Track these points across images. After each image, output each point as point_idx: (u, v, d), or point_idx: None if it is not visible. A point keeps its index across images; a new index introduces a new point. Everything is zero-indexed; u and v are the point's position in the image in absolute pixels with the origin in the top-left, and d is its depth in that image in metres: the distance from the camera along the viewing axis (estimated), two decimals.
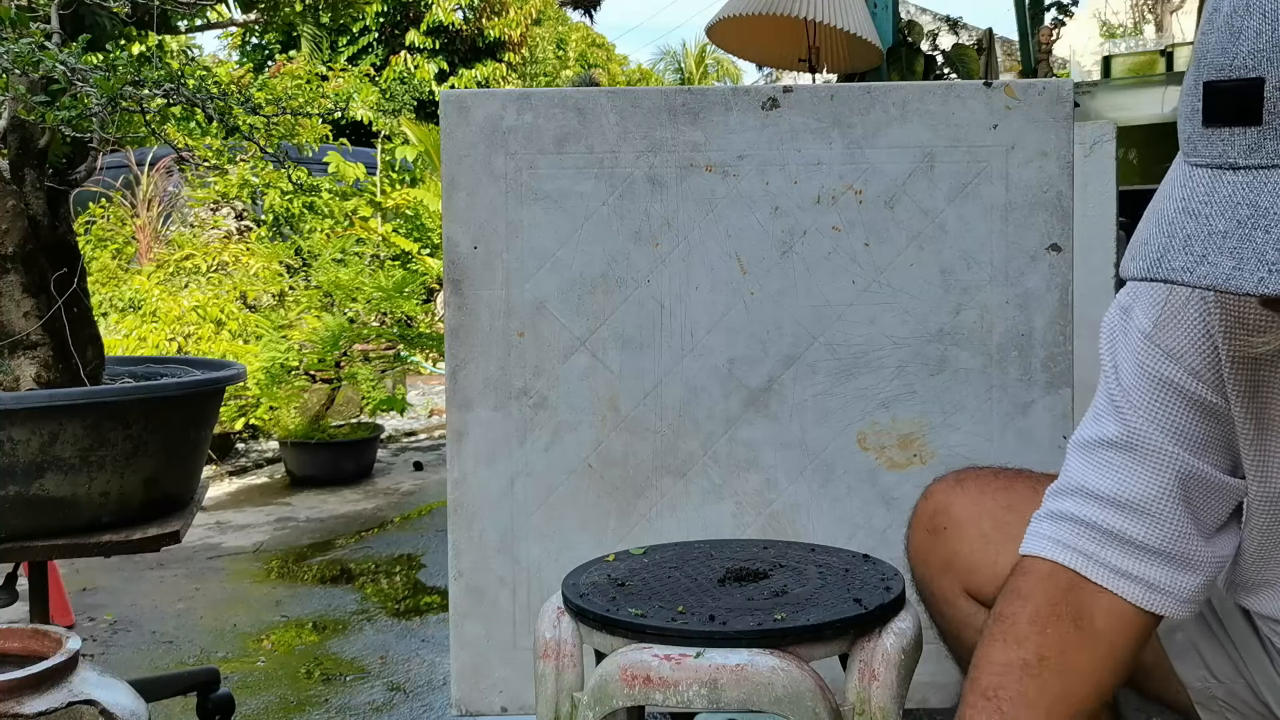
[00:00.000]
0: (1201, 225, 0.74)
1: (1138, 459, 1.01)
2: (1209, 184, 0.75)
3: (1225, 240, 0.73)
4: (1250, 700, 1.14)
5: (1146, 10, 15.33)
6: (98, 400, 1.75)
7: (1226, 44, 0.73)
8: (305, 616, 3.06)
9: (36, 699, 1.31)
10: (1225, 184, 0.74)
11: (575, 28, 19.34)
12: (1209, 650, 1.16)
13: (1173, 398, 1.01)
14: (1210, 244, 0.73)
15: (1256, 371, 0.97)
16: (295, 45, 13.70)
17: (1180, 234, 0.75)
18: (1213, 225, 0.74)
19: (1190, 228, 0.75)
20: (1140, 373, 1.02)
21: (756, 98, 1.80)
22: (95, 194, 6.35)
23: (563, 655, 1.24)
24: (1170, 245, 0.75)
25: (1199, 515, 1.01)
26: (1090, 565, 1.01)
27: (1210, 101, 0.74)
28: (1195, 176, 0.76)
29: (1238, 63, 0.72)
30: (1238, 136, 0.73)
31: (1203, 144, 0.76)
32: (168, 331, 5.21)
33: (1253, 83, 0.72)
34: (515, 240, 1.81)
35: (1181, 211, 0.76)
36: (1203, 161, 0.76)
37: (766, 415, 1.81)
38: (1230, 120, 0.74)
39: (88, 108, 1.76)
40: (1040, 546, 1.05)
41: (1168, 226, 0.76)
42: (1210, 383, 0.99)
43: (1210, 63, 0.75)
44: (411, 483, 4.92)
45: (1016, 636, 1.00)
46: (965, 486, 1.28)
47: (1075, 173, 1.77)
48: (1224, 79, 0.73)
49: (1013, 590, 1.04)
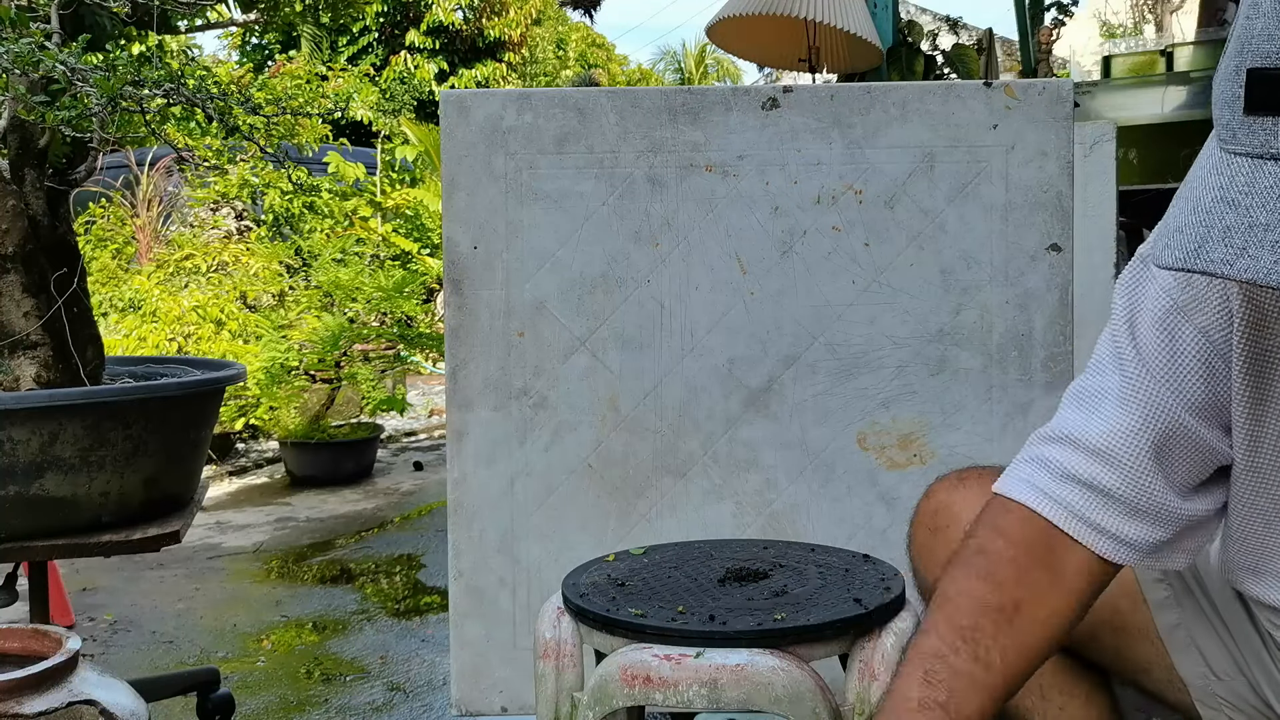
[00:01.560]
0: (1242, 216, 0.72)
1: (1126, 409, 1.01)
2: (1250, 174, 0.73)
3: (1267, 233, 0.71)
4: (1250, 697, 1.14)
5: (1146, 10, 15.33)
6: (98, 400, 1.75)
7: (1274, 30, 0.71)
8: (305, 616, 3.06)
9: (36, 699, 1.31)
10: (1267, 174, 0.72)
11: (575, 28, 19.34)
12: (1209, 647, 1.16)
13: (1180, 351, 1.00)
14: (1251, 236, 0.72)
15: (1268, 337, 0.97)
16: (295, 45, 13.70)
17: (1219, 224, 0.73)
18: (1254, 217, 0.72)
19: (1230, 218, 0.73)
20: (1154, 324, 1.01)
21: (756, 98, 1.80)
22: (95, 194, 6.34)
23: (563, 655, 1.24)
24: (1209, 236, 0.73)
25: (1175, 471, 1.01)
26: (1066, 517, 1.02)
27: (1254, 89, 0.72)
28: (1235, 165, 0.74)
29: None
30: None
31: (1244, 132, 0.74)
32: (168, 331, 5.21)
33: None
34: (515, 240, 1.81)
35: (1220, 201, 0.74)
36: (1243, 150, 0.74)
37: (766, 415, 1.81)
38: (1275, 109, 0.72)
39: (88, 108, 1.76)
40: (1020, 490, 1.05)
41: (1205, 215, 0.74)
42: (1217, 345, 0.99)
43: (1256, 49, 0.72)
44: (411, 483, 4.92)
45: (997, 579, 1.01)
46: (967, 485, 1.28)
47: (1075, 173, 1.77)
48: (1270, 66, 0.71)
49: (992, 526, 1.05)
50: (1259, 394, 0.98)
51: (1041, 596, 1.00)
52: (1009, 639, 0.98)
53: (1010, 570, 1.01)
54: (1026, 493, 1.04)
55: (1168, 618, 1.18)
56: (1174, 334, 1.00)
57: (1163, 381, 1.00)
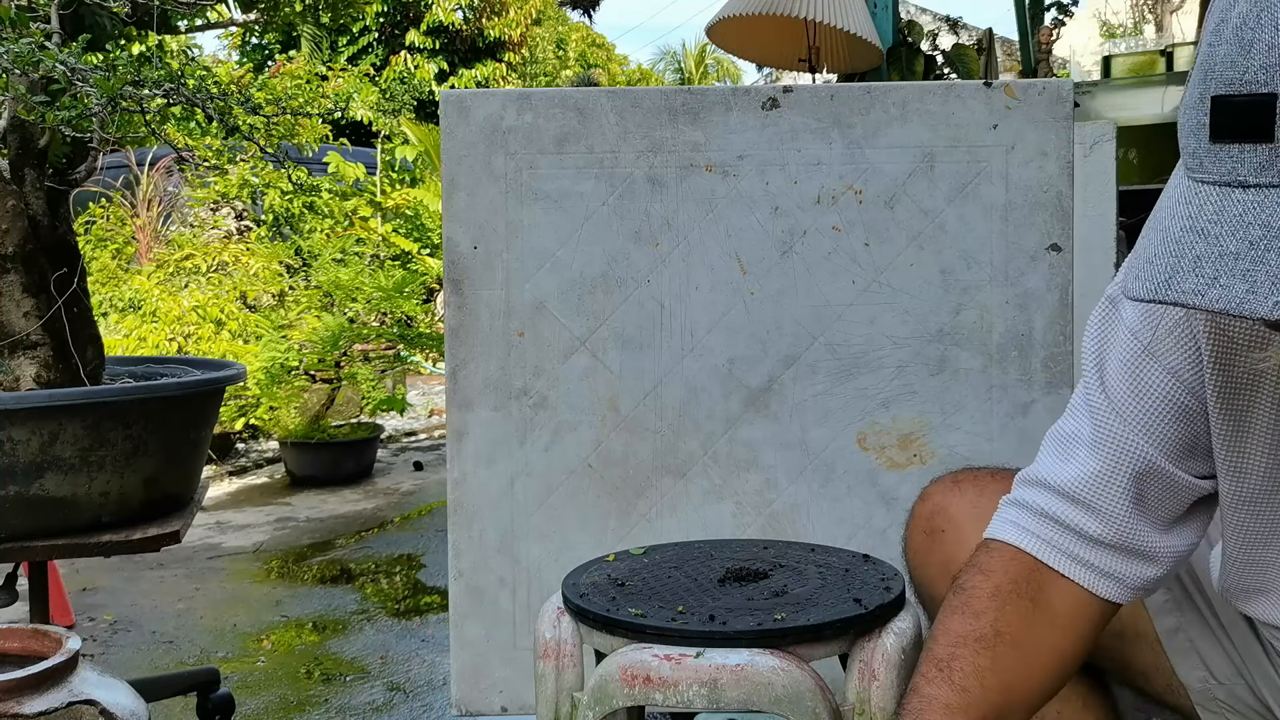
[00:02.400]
0: (1212, 246, 0.71)
1: (1098, 456, 1.02)
2: (1218, 202, 0.72)
3: (1237, 262, 0.70)
4: (1250, 701, 1.14)
5: (1146, 10, 15.33)
6: (98, 400, 1.75)
7: (1236, 57, 0.70)
8: (305, 616, 3.06)
9: (36, 699, 1.31)
10: (1235, 203, 0.71)
11: (575, 28, 19.34)
12: (1209, 651, 1.16)
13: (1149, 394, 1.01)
14: (1222, 266, 0.70)
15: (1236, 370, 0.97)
16: (295, 45, 13.69)
17: (1189, 254, 0.72)
18: (1224, 246, 0.71)
19: (1199, 248, 0.72)
20: (1121, 368, 1.02)
21: (756, 98, 1.80)
22: (95, 194, 6.34)
23: (563, 655, 1.24)
24: (1179, 266, 0.73)
25: (1154, 511, 1.03)
26: (1049, 551, 1.03)
27: (1219, 117, 0.71)
28: (1203, 194, 0.73)
29: (1249, 77, 0.69)
30: (1248, 154, 0.70)
31: (1210, 161, 0.73)
32: (168, 331, 5.21)
33: (1264, 99, 0.69)
34: (515, 240, 1.81)
35: (1189, 230, 0.73)
36: (1210, 179, 0.73)
37: (766, 415, 1.81)
38: (1240, 137, 0.71)
39: (88, 108, 1.76)
40: (1004, 531, 1.06)
41: (1175, 245, 0.74)
42: (1188, 383, 1.00)
43: (1219, 76, 0.71)
44: (411, 483, 4.92)
45: (975, 610, 1.02)
46: (963, 488, 1.28)
47: (1075, 173, 1.77)
48: (1234, 94, 0.70)
49: (975, 565, 1.06)
50: (1237, 424, 0.98)
51: (1024, 626, 1.01)
52: (987, 665, 0.98)
53: (989, 601, 1.02)
54: (1010, 532, 1.06)
55: (1167, 622, 1.18)
56: (1142, 377, 1.01)
57: (1132, 425, 1.01)
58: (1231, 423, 0.98)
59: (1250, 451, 0.99)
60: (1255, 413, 0.97)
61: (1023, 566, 1.03)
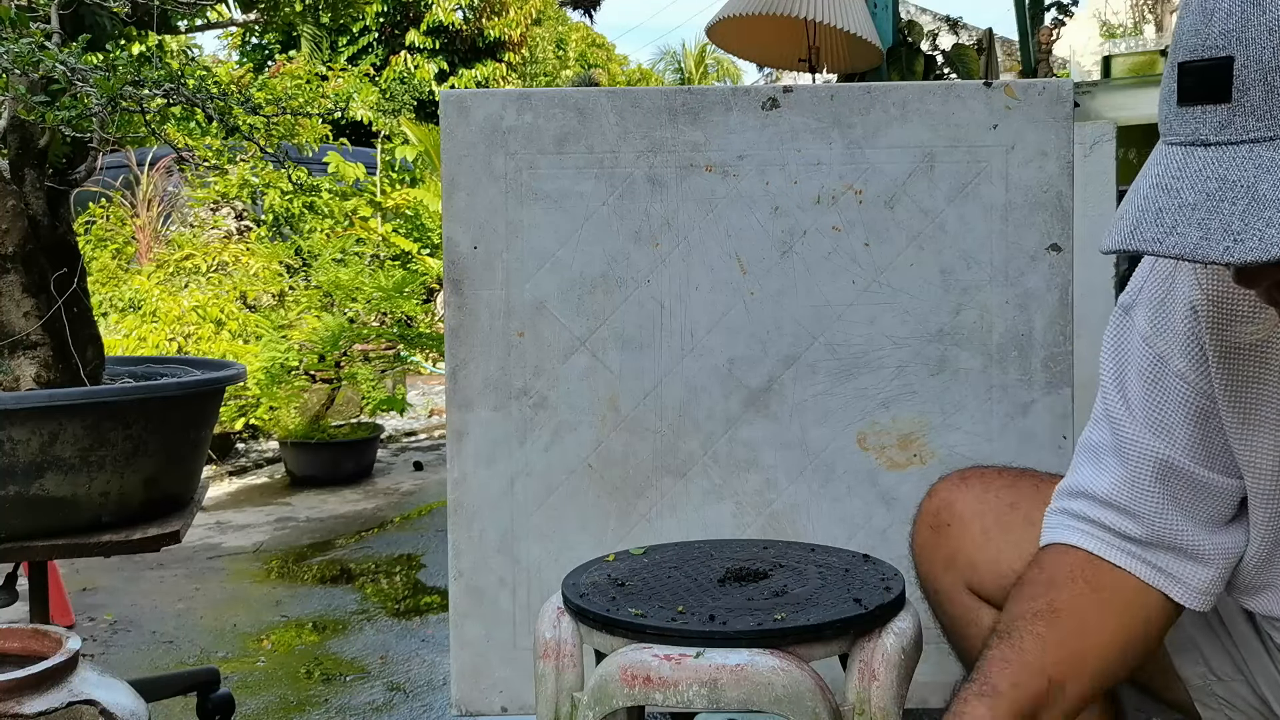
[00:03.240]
0: (1173, 199, 0.77)
1: (1127, 463, 1.05)
2: (1181, 160, 0.78)
3: (1194, 212, 0.75)
4: (1250, 698, 1.15)
5: (1146, 10, 15.33)
6: (98, 400, 1.75)
7: (1199, 25, 0.76)
8: (305, 616, 3.06)
9: (36, 699, 1.31)
10: (1196, 159, 0.77)
11: (575, 28, 19.33)
12: (1209, 647, 1.16)
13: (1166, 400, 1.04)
14: (1180, 215, 0.76)
15: (1241, 367, 1.00)
16: (295, 45, 13.69)
17: (1153, 207, 0.78)
18: (1183, 198, 0.76)
19: (1162, 201, 0.78)
20: (1139, 376, 1.05)
21: (756, 98, 1.80)
22: (95, 194, 6.34)
23: (563, 655, 1.24)
24: (1143, 219, 0.78)
25: (1192, 512, 1.05)
26: (1107, 548, 1.06)
27: (1184, 81, 0.77)
28: (1170, 154, 0.79)
29: (1209, 43, 0.75)
30: (1209, 114, 0.76)
31: (1178, 123, 0.79)
32: (168, 331, 5.21)
33: (1223, 61, 0.74)
34: (515, 240, 1.81)
35: (1155, 187, 0.79)
36: (1177, 140, 0.79)
37: (766, 415, 1.81)
38: (1203, 99, 0.76)
39: (88, 108, 1.76)
40: (1059, 535, 1.09)
41: (1141, 201, 0.79)
42: (1197, 385, 1.02)
43: (1184, 44, 0.77)
44: (411, 483, 4.92)
45: (1033, 593, 1.05)
46: (969, 485, 1.29)
47: (1075, 173, 1.77)
48: (1197, 59, 0.76)
49: (1033, 562, 1.09)
50: (1246, 422, 1.00)
51: (1081, 605, 1.04)
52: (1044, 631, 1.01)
53: (1045, 587, 1.05)
54: (1066, 534, 1.09)
55: None
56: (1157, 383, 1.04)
57: (1150, 430, 1.05)
58: (1241, 419, 1.00)
59: (1261, 448, 1.00)
60: (1262, 409, 0.99)
61: (1078, 559, 1.07)
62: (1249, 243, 0.73)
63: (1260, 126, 0.74)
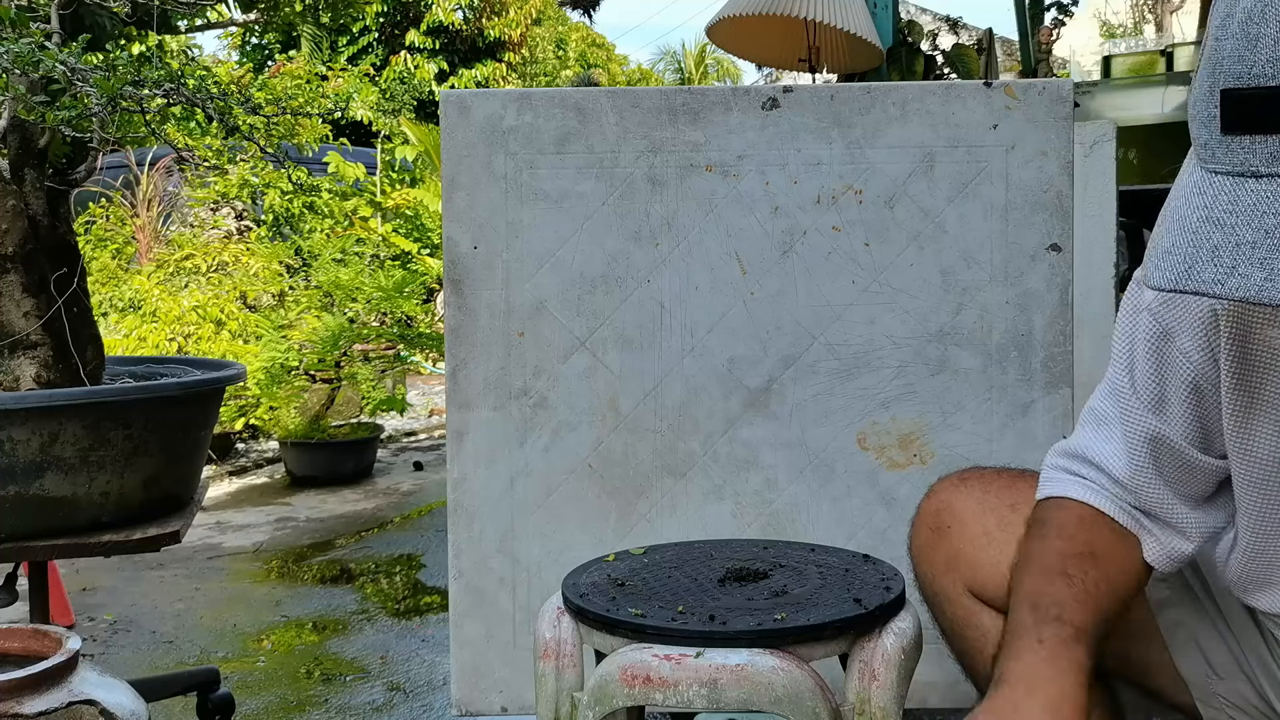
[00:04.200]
0: (1228, 235, 0.74)
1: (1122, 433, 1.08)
2: (1232, 192, 0.75)
3: (1254, 250, 0.73)
4: (1251, 696, 1.15)
5: (1146, 10, 15.33)
6: (98, 400, 1.75)
7: (1244, 51, 0.73)
8: (305, 616, 3.06)
9: (36, 699, 1.31)
10: (1249, 192, 0.74)
11: (575, 28, 19.34)
12: (1210, 646, 1.16)
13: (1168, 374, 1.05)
14: (1239, 255, 0.73)
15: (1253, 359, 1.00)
16: (295, 45, 13.69)
17: (1207, 244, 0.75)
18: (1240, 235, 0.73)
19: (1216, 238, 0.75)
20: (1146, 351, 1.06)
21: (756, 98, 1.80)
22: (95, 194, 6.34)
23: (563, 655, 1.24)
24: (1197, 256, 0.75)
25: (1176, 485, 1.08)
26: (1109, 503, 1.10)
27: (1229, 109, 0.74)
28: (1216, 184, 0.76)
29: (1256, 70, 0.72)
30: (1259, 145, 0.73)
31: (1222, 152, 0.75)
32: (168, 331, 5.21)
33: (1273, 91, 0.72)
34: (515, 240, 1.81)
35: (1206, 221, 0.75)
36: (1223, 169, 0.76)
37: (766, 415, 1.81)
38: (1251, 128, 0.73)
39: (88, 108, 1.76)
40: (1067, 489, 1.12)
41: (1192, 236, 0.76)
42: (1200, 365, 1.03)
43: (1227, 70, 0.74)
44: (411, 483, 4.92)
45: (1069, 533, 1.08)
46: (969, 485, 1.29)
47: (1075, 173, 1.77)
48: (1243, 86, 0.73)
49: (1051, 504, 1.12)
50: (1248, 405, 1.01)
51: (1112, 550, 1.08)
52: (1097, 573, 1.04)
53: (1077, 527, 1.09)
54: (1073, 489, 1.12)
55: (1169, 617, 1.18)
56: (1162, 357, 1.06)
57: (1148, 404, 1.07)
58: (1243, 402, 1.01)
59: (1258, 433, 1.00)
60: (1266, 394, 0.99)
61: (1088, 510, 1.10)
62: None
63: None
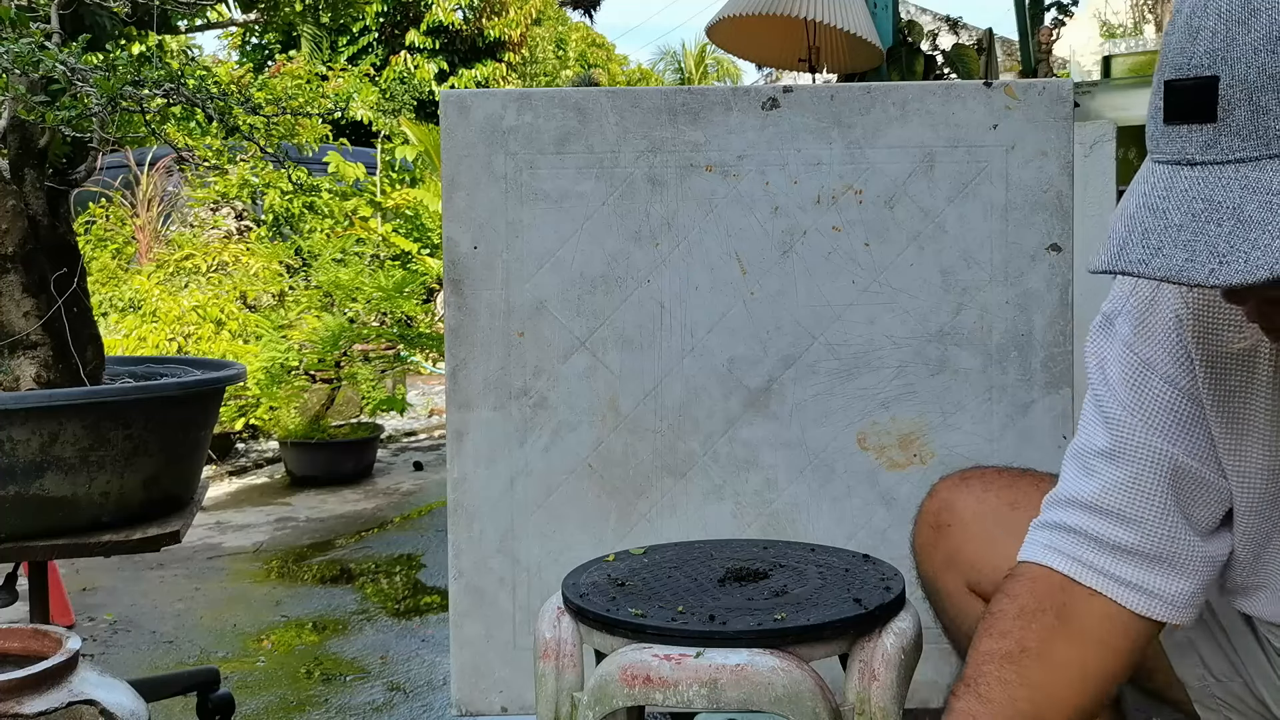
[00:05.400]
0: (1159, 219, 0.77)
1: (1124, 465, 1.02)
2: (1168, 179, 0.77)
3: (1180, 233, 0.75)
4: (1248, 699, 1.15)
5: (1146, 10, 15.33)
6: (98, 400, 1.75)
7: (1185, 44, 0.76)
8: (305, 616, 3.06)
9: (36, 699, 1.31)
10: (1183, 179, 0.76)
11: (575, 28, 19.34)
12: (1207, 649, 1.16)
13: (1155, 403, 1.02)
14: (1166, 237, 0.76)
15: (1228, 375, 0.99)
16: (295, 45, 13.69)
17: (1139, 228, 0.78)
18: (1169, 219, 0.76)
19: (1149, 222, 0.77)
20: (1124, 380, 1.04)
21: (756, 98, 1.80)
22: (95, 194, 6.34)
23: (563, 655, 1.24)
24: (1129, 239, 0.78)
25: (1191, 513, 1.02)
26: (1081, 569, 1.02)
27: (1170, 100, 0.77)
28: (1157, 173, 0.79)
29: (1195, 62, 0.75)
30: (1195, 133, 0.76)
31: (1164, 141, 0.78)
32: (168, 331, 5.21)
33: (1208, 81, 0.74)
34: (515, 240, 1.81)
35: (1142, 207, 0.78)
36: (1164, 158, 0.78)
37: (766, 415, 1.81)
38: (1188, 118, 0.76)
39: (88, 108, 1.76)
40: (1034, 553, 1.06)
41: (1129, 221, 0.79)
42: (1186, 390, 1.01)
43: (1170, 62, 0.77)
44: (411, 483, 4.92)
45: (1001, 630, 1.02)
46: (970, 485, 1.29)
47: (1075, 173, 1.77)
48: (1182, 78, 0.76)
49: (1003, 591, 1.06)
50: (1235, 428, 1.00)
51: (1049, 640, 1.00)
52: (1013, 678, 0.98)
53: (1014, 621, 1.02)
54: (1041, 553, 1.05)
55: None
56: (1143, 389, 1.02)
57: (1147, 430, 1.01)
58: (1229, 426, 1.00)
59: (1250, 454, 1.00)
60: (1251, 415, 0.99)
61: (1050, 585, 1.03)
62: (1234, 264, 0.72)
63: (1246, 147, 0.74)
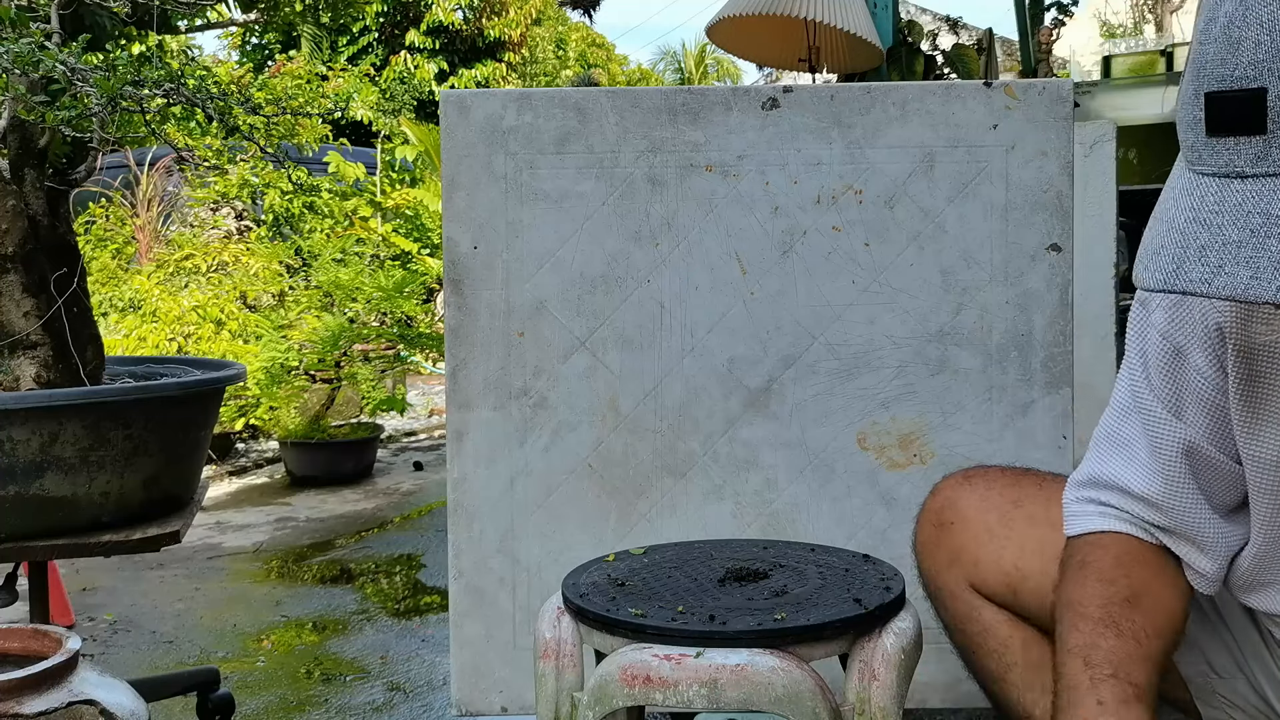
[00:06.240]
0: (1215, 235, 0.75)
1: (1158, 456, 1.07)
2: (1218, 193, 0.76)
3: (1240, 250, 0.74)
4: (1250, 696, 1.15)
5: (1146, 10, 15.33)
6: (98, 400, 1.75)
7: (1226, 55, 0.75)
8: (305, 616, 3.06)
9: (36, 699, 1.31)
10: (1234, 192, 0.75)
11: (575, 28, 19.34)
12: (1209, 644, 1.17)
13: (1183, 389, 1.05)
14: (1225, 254, 0.75)
15: (1256, 365, 1.01)
16: (295, 45, 13.69)
17: (1194, 244, 0.76)
18: (1226, 235, 0.75)
19: (1204, 238, 0.76)
20: (1158, 366, 1.07)
21: (756, 98, 1.80)
22: (95, 194, 6.34)
23: (563, 655, 1.24)
24: (1185, 256, 0.77)
25: (1215, 496, 1.07)
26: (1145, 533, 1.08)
27: (1213, 111, 0.76)
28: (1203, 185, 0.77)
29: (1239, 73, 0.74)
30: (1243, 145, 0.75)
31: (1208, 153, 0.77)
32: (168, 331, 5.21)
33: (1255, 93, 0.73)
34: (515, 240, 1.81)
35: (1193, 221, 0.77)
36: (1209, 170, 0.77)
37: (766, 415, 1.81)
38: (1235, 130, 0.75)
39: (88, 108, 1.76)
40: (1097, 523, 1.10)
41: (1180, 236, 0.77)
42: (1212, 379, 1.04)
43: (1210, 73, 0.76)
44: (411, 483, 4.92)
45: (1107, 576, 1.06)
46: (973, 483, 1.30)
47: (1075, 173, 1.77)
48: (1226, 89, 0.75)
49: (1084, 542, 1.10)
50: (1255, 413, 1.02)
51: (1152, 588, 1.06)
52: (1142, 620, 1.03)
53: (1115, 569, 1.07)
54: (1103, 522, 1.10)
55: None
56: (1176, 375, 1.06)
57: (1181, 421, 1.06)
58: (1250, 411, 1.01)
59: (1265, 440, 1.01)
60: (1271, 404, 1.00)
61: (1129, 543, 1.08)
62: None
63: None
